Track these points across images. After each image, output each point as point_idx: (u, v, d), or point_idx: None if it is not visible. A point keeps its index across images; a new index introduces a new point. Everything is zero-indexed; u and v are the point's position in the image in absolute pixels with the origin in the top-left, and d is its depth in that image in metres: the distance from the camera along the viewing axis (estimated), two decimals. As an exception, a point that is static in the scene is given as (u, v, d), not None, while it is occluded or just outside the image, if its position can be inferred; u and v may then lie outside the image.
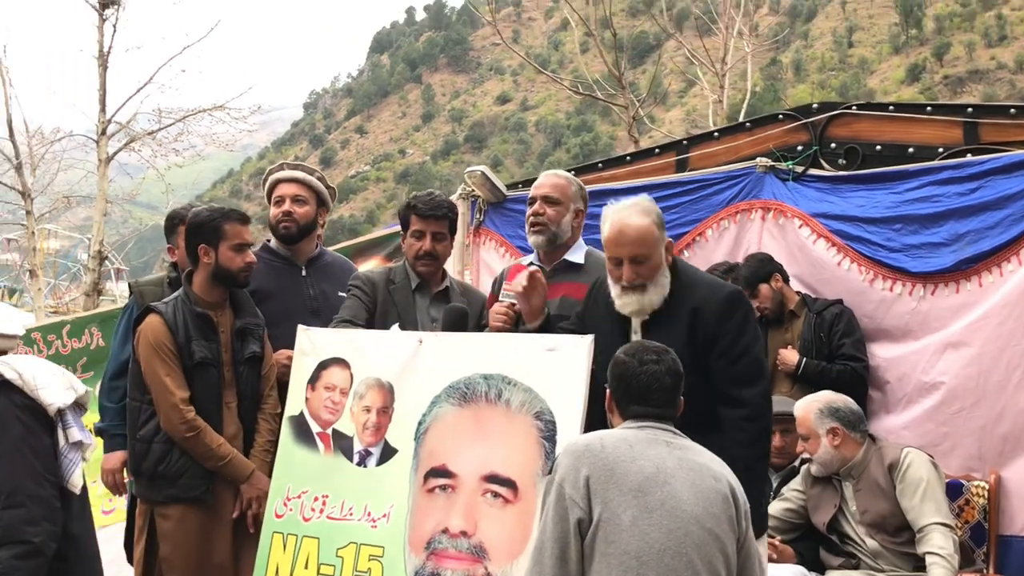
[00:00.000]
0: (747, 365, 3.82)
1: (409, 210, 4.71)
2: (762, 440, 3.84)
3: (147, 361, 4.44)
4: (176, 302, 4.54)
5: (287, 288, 5.00)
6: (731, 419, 3.75)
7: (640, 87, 32.00)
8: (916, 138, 5.61)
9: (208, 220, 4.56)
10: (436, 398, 3.97)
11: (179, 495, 4.41)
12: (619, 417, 3.42)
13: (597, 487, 3.11)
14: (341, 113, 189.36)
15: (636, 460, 3.16)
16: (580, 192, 4.67)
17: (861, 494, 4.72)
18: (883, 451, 4.74)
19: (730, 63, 18.74)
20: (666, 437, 3.30)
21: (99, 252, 16.58)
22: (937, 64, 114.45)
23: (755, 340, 3.91)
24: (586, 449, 3.20)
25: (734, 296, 3.94)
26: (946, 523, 4.48)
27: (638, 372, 3.39)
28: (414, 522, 3.87)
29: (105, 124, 16.90)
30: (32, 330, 6.78)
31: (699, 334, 3.82)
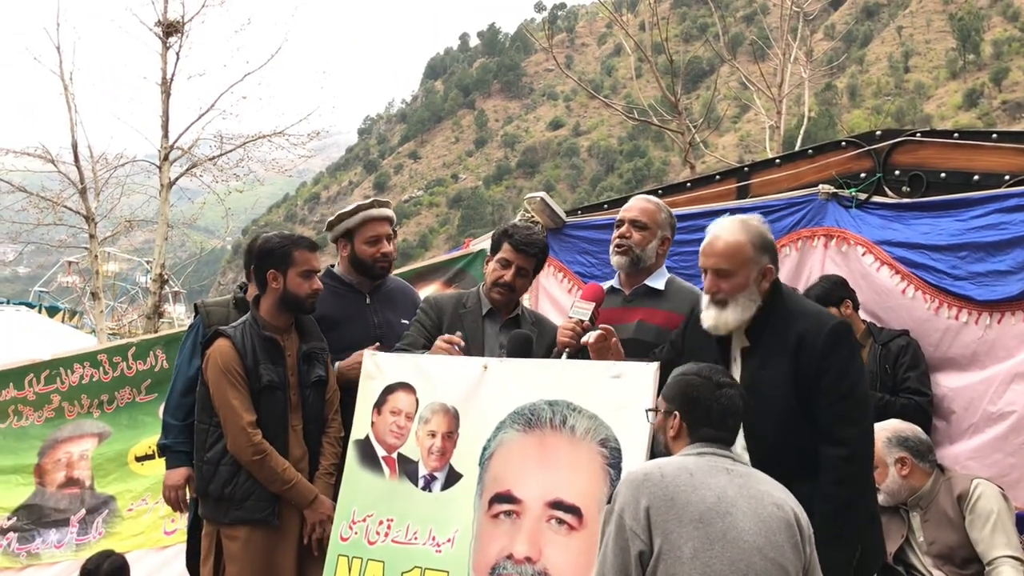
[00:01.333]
0: (851, 403, 3.72)
1: (505, 237, 4.73)
2: (858, 481, 3.71)
3: (216, 384, 4.50)
4: (244, 326, 4.62)
5: (352, 317, 5.04)
6: (829, 457, 3.66)
7: (694, 112, 31.92)
8: (981, 165, 5.55)
9: (279, 247, 4.64)
10: (501, 424, 3.99)
11: (245, 517, 4.47)
12: (684, 441, 3.37)
13: (657, 518, 3.06)
14: (395, 138, 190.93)
15: (697, 490, 3.11)
16: (669, 220, 4.68)
17: (929, 525, 4.66)
18: (952, 482, 4.68)
19: (786, 88, 18.64)
20: (726, 464, 3.25)
21: (160, 275, 16.82)
22: (995, 89, 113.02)
23: (860, 377, 3.80)
24: (645, 479, 3.15)
25: (840, 329, 3.81)
26: (1017, 556, 4.40)
27: (718, 395, 3.36)
28: (478, 547, 3.87)
29: (168, 150, 17.18)
30: (99, 352, 6.93)
31: (803, 366, 3.73)
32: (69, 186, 18.23)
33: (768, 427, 3.74)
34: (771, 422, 3.74)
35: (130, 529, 6.57)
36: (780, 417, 3.73)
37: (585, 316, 4.23)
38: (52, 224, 19.23)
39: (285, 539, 4.51)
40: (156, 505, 6.58)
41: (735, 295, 3.85)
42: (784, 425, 3.72)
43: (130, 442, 6.71)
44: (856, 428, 3.69)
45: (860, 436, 3.70)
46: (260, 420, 4.49)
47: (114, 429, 6.76)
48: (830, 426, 3.68)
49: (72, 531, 6.61)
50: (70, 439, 6.75)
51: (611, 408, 3.78)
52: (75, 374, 6.71)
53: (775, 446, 3.72)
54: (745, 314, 3.85)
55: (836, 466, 3.63)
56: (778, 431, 3.73)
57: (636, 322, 4.44)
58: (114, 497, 6.68)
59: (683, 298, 4.53)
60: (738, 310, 3.85)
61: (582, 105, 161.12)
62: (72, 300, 33.02)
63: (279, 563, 4.49)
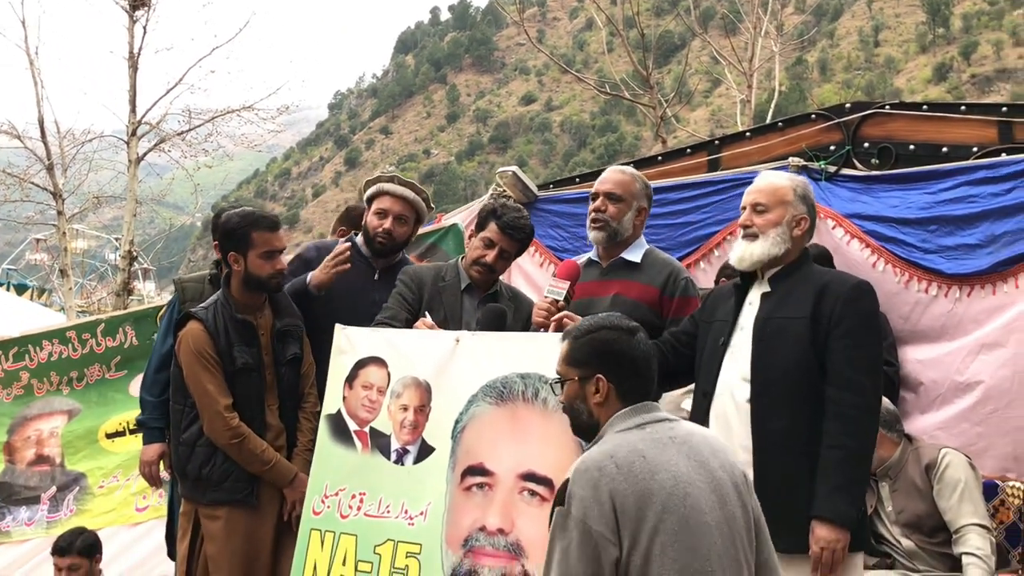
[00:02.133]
0: (868, 355, 3.68)
1: (491, 217, 4.65)
2: (870, 436, 3.67)
3: (189, 368, 4.47)
4: (216, 307, 4.55)
5: (356, 291, 4.97)
6: (845, 403, 3.59)
7: (665, 87, 31.93)
8: (950, 138, 5.59)
9: (236, 228, 4.53)
10: (473, 397, 3.99)
11: (224, 498, 4.46)
12: (614, 405, 3.04)
13: (624, 517, 2.76)
14: (366, 114, 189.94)
15: (655, 475, 2.82)
16: (645, 190, 4.64)
17: (898, 494, 4.71)
18: (920, 451, 4.73)
19: (756, 62, 18.66)
20: (668, 432, 2.97)
21: (129, 252, 16.69)
22: (964, 63, 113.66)
23: (880, 334, 3.79)
24: (601, 474, 2.81)
25: (865, 285, 3.82)
26: (984, 524, 4.47)
27: (635, 343, 3.07)
28: (451, 520, 3.89)
29: (135, 125, 17.02)
30: (67, 328, 6.86)
31: (824, 311, 3.70)
32: (36, 162, 18.04)
33: (777, 359, 3.72)
34: (780, 354, 3.72)
35: (101, 506, 6.54)
36: (792, 349, 3.69)
37: (560, 295, 4.22)
38: (19, 201, 19.08)
39: (264, 517, 4.50)
40: (127, 482, 6.56)
41: (766, 230, 3.87)
42: (794, 357, 3.68)
43: (100, 419, 6.67)
44: (870, 380, 3.65)
45: (873, 389, 3.66)
46: (236, 402, 4.46)
47: (84, 406, 6.72)
48: (846, 373, 3.62)
49: (43, 508, 6.57)
50: (39, 416, 6.69)
51: (583, 380, 3.78)
52: (44, 351, 6.65)
53: (782, 379, 3.69)
54: (773, 250, 3.85)
55: (850, 415, 3.58)
56: (788, 363, 3.69)
57: (612, 296, 4.43)
58: (85, 474, 6.64)
59: (659, 270, 4.53)
60: (767, 244, 3.86)
61: (554, 80, 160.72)
62: (41, 278, 32.79)
63: (258, 541, 4.48)
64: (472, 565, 3.78)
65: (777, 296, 3.84)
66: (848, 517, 3.52)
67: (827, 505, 3.52)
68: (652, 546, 2.73)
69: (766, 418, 3.68)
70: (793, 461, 3.62)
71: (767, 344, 3.74)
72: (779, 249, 3.86)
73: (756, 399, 3.71)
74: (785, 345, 3.71)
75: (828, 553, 3.51)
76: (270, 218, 4.64)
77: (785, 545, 3.57)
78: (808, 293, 3.75)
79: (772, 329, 3.75)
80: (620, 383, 3.03)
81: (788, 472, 3.62)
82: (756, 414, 3.71)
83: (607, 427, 3.02)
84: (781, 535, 3.56)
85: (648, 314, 4.38)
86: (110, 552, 5.99)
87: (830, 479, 3.53)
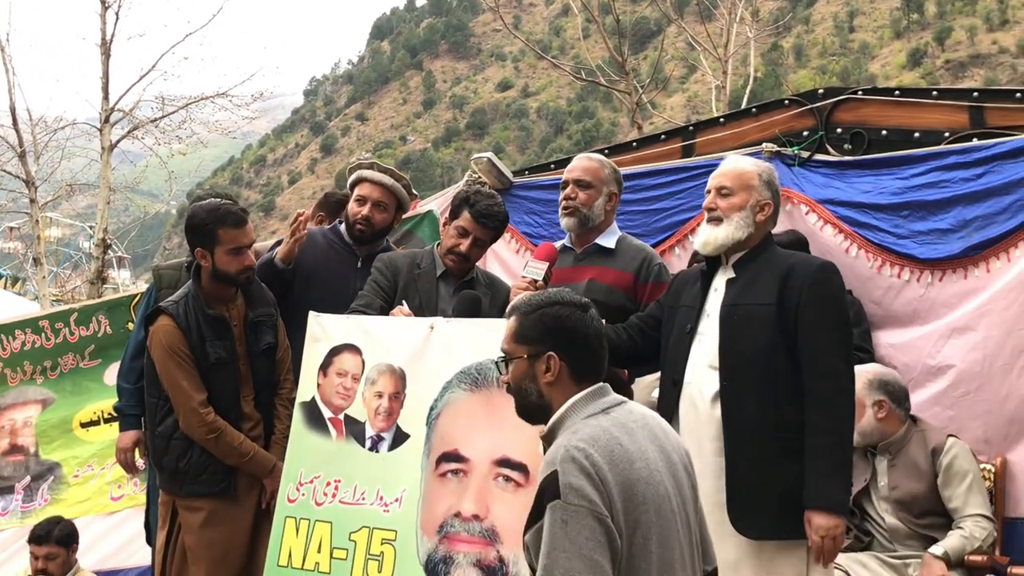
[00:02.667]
0: (838, 337, 3.69)
1: (465, 204, 4.62)
2: (849, 419, 3.65)
3: (162, 364, 4.44)
4: (187, 301, 4.50)
5: (337, 277, 4.98)
6: (823, 391, 3.61)
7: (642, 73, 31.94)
8: (922, 123, 5.62)
9: (203, 224, 4.46)
10: (448, 383, 3.99)
11: (202, 491, 4.46)
12: (567, 386, 2.89)
13: (615, 508, 2.62)
14: (342, 100, 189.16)
15: (633, 464, 2.70)
16: (614, 175, 4.65)
17: (895, 471, 4.75)
18: (926, 434, 4.77)
19: (732, 49, 18.70)
20: (627, 415, 2.85)
21: (103, 240, 16.59)
22: (938, 49, 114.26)
23: (848, 317, 3.79)
24: (591, 463, 2.64)
25: (830, 266, 3.83)
26: (988, 516, 4.57)
27: (587, 319, 2.93)
28: (426, 506, 3.89)
29: (108, 112, 16.90)
30: (40, 318, 6.83)
31: (790, 294, 3.71)
32: (8, 149, 17.94)
33: (744, 346, 3.73)
34: (748, 341, 3.73)
35: (76, 495, 6.52)
36: (760, 336, 3.71)
37: (539, 276, 4.22)
38: (-9, 188, 18.92)
39: (242, 507, 4.50)
40: (102, 471, 6.55)
41: (730, 214, 3.88)
42: (761, 343, 3.70)
43: (74, 408, 6.65)
44: (842, 363, 3.66)
45: (847, 371, 3.67)
46: (211, 396, 4.44)
47: (58, 395, 6.69)
48: (820, 360, 3.64)
49: (17, 498, 6.55)
50: (13, 406, 6.66)
51: (557, 366, 3.79)
52: (17, 340, 6.61)
53: (750, 365, 3.70)
54: (736, 234, 3.86)
55: (829, 400, 3.59)
56: (755, 349, 3.71)
57: (587, 281, 4.45)
58: (59, 464, 6.62)
59: (632, 256, 4.55)
60: (730, 228, 3.86)
61: (530, 66, 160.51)
62: (14, 266, 32.53)
63: (236, 531, 4.48)
64: (447, 551, 3.79)
65: (742, 282, 3.84)
66: (842, 503, 3.55)
67: (822, 495, 3.54)
68: (635, 537, 2.64)
69: (736, 405, 3.70)
70: (764, 447, 3.64)
71: (734, 331, 3.76)
72: (742, 233, 3.87)
73: (725, 386, 3.73)
74: (752, 332, 3.72)
75: (829, 541, 3.53)
76: (236, 214, 4.52)
77: (757, 531, 3.63)
78: (773, 278, 3.76)
79: (739, 316, 3.76)
80: (573, 361, 2.88)
81: (759, 458, 3.64)
82: (726, 401, 3.72)
83: (569, 411, 2.87)
84: (753, 521, 3.63)
85: (623, 299, 4.42)
86: (85, 541, 5.97)
87: (820, 467, 3.55)
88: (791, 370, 3.67)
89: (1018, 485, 4.93)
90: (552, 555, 2.56)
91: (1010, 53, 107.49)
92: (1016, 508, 4.91)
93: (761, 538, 3.63)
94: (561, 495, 2.60)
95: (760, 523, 3.62)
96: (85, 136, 19.38)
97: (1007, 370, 4.97)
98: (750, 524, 3.64)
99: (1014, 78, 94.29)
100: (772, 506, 3.61)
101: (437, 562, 3.80)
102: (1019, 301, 4.96)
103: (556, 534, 2.57)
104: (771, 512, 3.61)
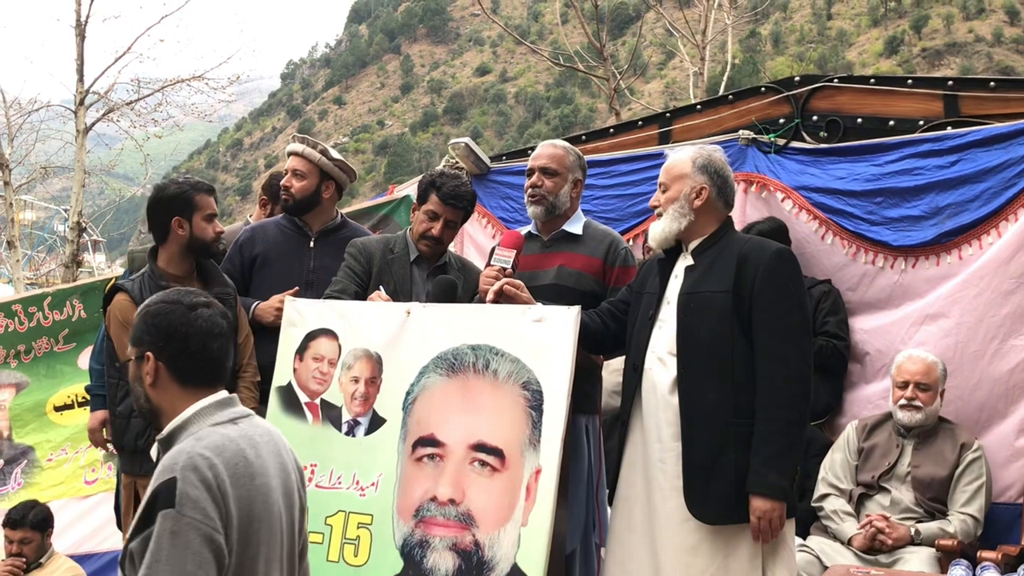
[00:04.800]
0: (792, 323, 3.72)
1: (432, 188, 4.64)
2: (799, 406, 3.69)
3: (117, 338, 4.47)
4: (143, 278, 4.57)
5: (288, 256, 5.02)
6: (772, 377, 3.66)
7: (620, 59, 31.94)
8: (897, 111, 5.66)
9: (180, 193, 4.55)
10: (424, 369, 4.00)
11: None
12: (169, 388, 2.69)
13: (231, 524, 2.49)
14: (319, 84, 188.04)
15: (254, 480, 2.58)
16: (579, 162, 4.65)
17: (920, 453, 4.86)
18: (956, 430, 4.91)
19: (710, 35, 18.73)
20: (254, 429, 2.72)
21: (78, 223, 16.46)
22: (915, 37, 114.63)
23: (803, 300, 3.81)
24: (213, 474, 2.47)
25: (785, 252, 3.87)
26: (978, 519, 4.71)
27: (193, 317, 2.70)
28: (402, 490, 3.90)
29: (83, 94, 16.75)
30: (13, 302, 6.81)
31: (745, 280, 3.75)
32: (-19, 132, 17.75)
33: (702, 333, 3.77)
34: (705, 328, 3.76)
35: (50, 479, 6.51)
36: (717, 323, 3.74)
37: (507, 264, 4.23)
38: (-36, 171, 18.73)
39: None
40: (76, 455, 6.54)
41: (667, 207, 3.95)
42: (718, 330, 3.74)
43: (48, 392, 6.64)
44: (796, 348, 3.70)
45: (800, 356, 3.71)
46: None
47: (32, 379, 6.68)
48: (771, 346, 3.69)
49: (-10, 482, 6.53)
50: (-14, 390, 6.64)
51: (533, 351, 3.81)
52: (-11, 325, 6.59)
53: (707, 352, 3.75)
54: (672, 225, 3.91)
55: (777, 387, 3.65)
56: (712, 336, 3.75)
57: (556, 267, 4.46)
58: (33, 447, 6.61)
59: (600, 241, 4.56)
60: (666, 221, 3.93)
61: (509, 51, 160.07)
62: (-13, 250, 32.21)
63: None
64: (423, 535, 3.81)
65: (700, 269, 3.89)
66: (780, 489, 3.61)
67: (759, 480, 3.61)
68: (244, 556, 2.52)
69: (693, 392, 3.75)
70: (720, 433, 3.70)
71: (691, 318, 3.80)
72: (679, 224, 3.92)
73: (682, 373, 3.78)
74: (710, 319, 3.77)
75: (766, 523, 3.61)
76: (207, 183, 4.71)
77: (713, 516, 3.70)
78: (729, 265, 3.80)
79: (696, 304, 3.80)
80: (171, 362, 2.68)
81: (715, 445, 3.70)
82: (683, 388, 3.77)
83: (194, 418, 2.68)
84: (709, 506, 3.69)
85: (593, 284, 4.43)
86: (59, 525, 5.97)
87: (761, 453, 3.62)
88: (748, 357, 3.72)
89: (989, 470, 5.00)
90: (154, 567, 2.38)
91: (986, 42, 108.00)
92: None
93: (717, 523, 3.70)
94: (176, 504, 2.42)
95: (716, 508, 3.69)
96: (60, 118, 19.21)
97: (979, 356, 5.04)
98: (706, 509, 3.71)
99: (990, 66, 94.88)
100: (727, 491, 3.67)
101: (413, 546, 3.82)
102: (991, 288, 5.03)
103: (162, 546, 2.39)
104: (726, 497, 3.67)
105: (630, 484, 3.96)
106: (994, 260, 5.04)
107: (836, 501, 4.92)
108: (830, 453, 5.09)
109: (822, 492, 4.98)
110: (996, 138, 5.14)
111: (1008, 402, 5.00)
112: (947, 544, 4.51)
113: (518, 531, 3.63)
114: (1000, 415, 5.02)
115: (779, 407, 3.63)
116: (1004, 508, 4.93)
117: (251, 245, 5.05)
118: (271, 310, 4.70)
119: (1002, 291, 5.01)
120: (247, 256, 5.01)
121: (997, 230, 5.06)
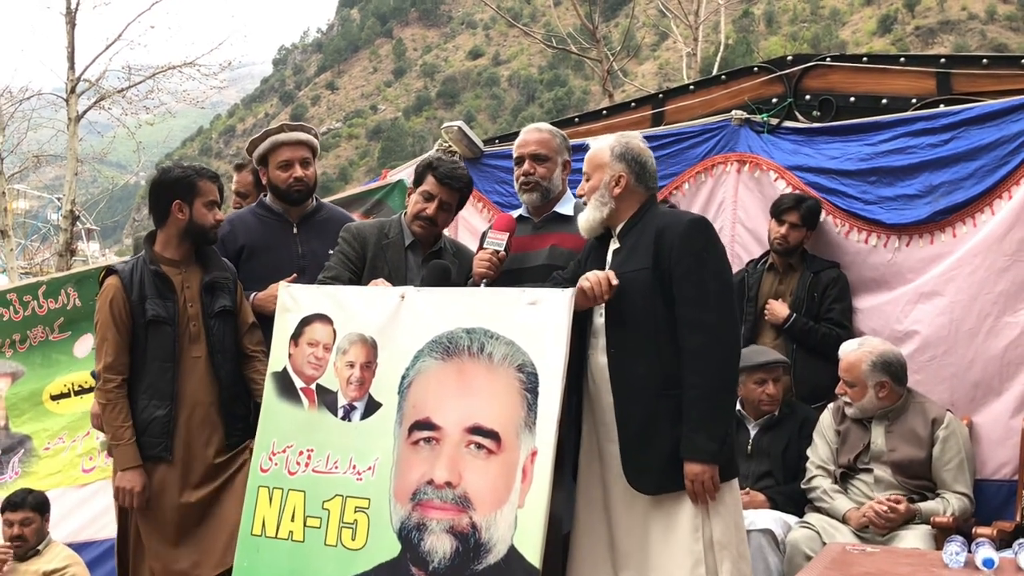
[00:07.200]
0: (709, 290, 3.80)
1: (429, 169, 4.63)
2: (724, 370, 3.81)
3: (102, 320, 4.50)
4: (137, 262, 4.58)
5: (276, 245, 5.00)
6: (692, 344, 3.76)
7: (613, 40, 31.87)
8: (889, 89, 5.66)
9: (183, 177, 4.55)
10: (419, 352, 4.00)
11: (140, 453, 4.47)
12: None
13: None
14: (311, 69, 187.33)
15: None
16: (564, 143, 4.67)
17: (893, 436, 4.84)
18: (925, 405, 4.87)
19: (703, 16, 18.68)
20: None
21: (71, 212, 16.45)
22: (908, 15, 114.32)
23: (720, 267, 3.90)
24: None
25: (698, 221, 3.98)
26: (969, 496, 4.71)
27: None
28: (399, 474, 3.91)
29: (74, 82, 16.71)
30: (8, 291, 6.78)
31: (663, 255, 3.84)
32: (-28, 121, 17.68)
33: (628, 312, 3.87)
34: (631, 307, 3.87)
35: (47, 468, 6.50)
36: (640, 296, 3.85)
37: (500, 247, 4.26)
38: (-43, 160, 18.67)
39: (184, 470, 4.48)
40: (73, 443, 6.53)
41: (589, 197, 4.07)
42: (643, 307, 3.84)
43: (44, 381, 6.62)
44: (714, 315, 3.78)
45: (718, 323, 3.79)
46: (148, 354, 4.47)
47: (27, 368, 6.66)
48: (689, 315, 3.78)
49: (-13, 471, 6.53)
50: (-18, 379, 6.63)
51: (527, 334, 3.81)
52: (-15, 314, 6.58)
53: (634, 330, 3.86)
54: (595, 214, 4.03)
55: (698, 354, 3.75)
56: (637, 316, 3.85)
57: (548, 248, 4.48)
58: (30, 436, 6.60)
59: None
60: (589, 210, 4.07)
61: (501, 34, 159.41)
62: (-19, 239, 32.10)
63: (176, 495, 4.46)
64: (420, 518, 3.81)
65: (625, 251, 3.99)
66: (710, 452, 3.73)
67: (689, 446, 3.75)
68: None
69: (623, 369, 3.87)
70: (651, 406, 3.82)
71: (617, 300, 3.88)
72: (601, 212, 4.04)
73: (612, 353, 3.90)
74: (634, 298, 3.86)
75: (699, 485, 3.74)
76: (211, 170, 4.73)
77: (652, 487, 3.85)
78: (648, 243, 3.90)
79: (622, 284, 3.86)
80: None
81: (647, 417, 3.83)
82: (613, 366, 3.90)
83: None
84: (648, 478, 3.83)
85: None
86: (57, 513, 5.97)
87: (689, 419, 3.74)
88: (674, 329, 3.82)
89: (983, 447, 5.02)
90: None
91: (979, 19, 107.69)
92: (982, 470, 5.00)
93: (656, 492, 3.84)
94: None
95: (653, 478, 3.82)
96: (51, 107, 19.17)
97: (973, 334, 5.05)
98: (645, 480, 3.84)
99: (983, 44, 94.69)
100: (663, 461, 3.80)
101: (411, 529, 3.82)
102: (985, 266, 5.03)
103: None
104: (662, 466, 3.80)
105: (587, 466, 4.08)
106: (988, 238, 5.05)
107: (823, 481, 4.93)
108: (814, 436, 5.10)
109: (811, 474, 4.99)
110: (989, 116, 5.13)
111: (1003, 379, 5.02)
112: (942, 521, 4.54)
113: (515, 513, 3.64)
114: (995, 392, 5.03)
115: (702, 374, 3.74)
116: (999, 485, 4.96)
117: (233, 237, 4.98)
118: (272, 299, 4.68)
119: (996, 269, 5.01)
120: (231, 249, 4.95)
121: (991, 208, 5.06)
